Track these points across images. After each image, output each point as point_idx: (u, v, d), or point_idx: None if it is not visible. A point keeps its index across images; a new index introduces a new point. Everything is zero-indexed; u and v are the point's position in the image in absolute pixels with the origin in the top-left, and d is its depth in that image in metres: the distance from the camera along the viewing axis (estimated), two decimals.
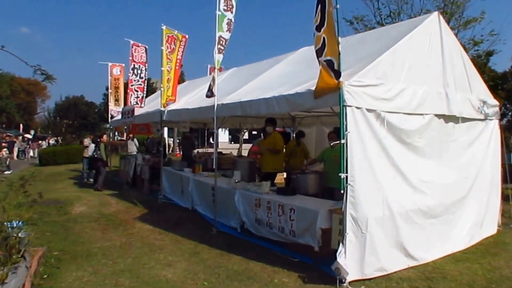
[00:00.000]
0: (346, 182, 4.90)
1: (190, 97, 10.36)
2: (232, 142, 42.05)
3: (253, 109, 6.46)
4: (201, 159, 12.49)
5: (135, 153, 13.64)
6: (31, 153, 28.94)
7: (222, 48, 7.35)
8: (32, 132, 50.80)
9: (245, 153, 16.55)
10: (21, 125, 53.27)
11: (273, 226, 6.27)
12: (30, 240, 5.86)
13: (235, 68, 11.29)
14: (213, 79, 7.37)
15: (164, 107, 9.99)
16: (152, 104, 13.55)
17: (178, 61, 10.28)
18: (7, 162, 19.31)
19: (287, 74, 7.44)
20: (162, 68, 9.93)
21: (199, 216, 8.43)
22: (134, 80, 13.02)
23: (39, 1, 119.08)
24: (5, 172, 17.97)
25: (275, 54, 9.71)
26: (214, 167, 7.60)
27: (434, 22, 6.35)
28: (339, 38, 4.86)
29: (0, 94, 57.85)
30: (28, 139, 35.82)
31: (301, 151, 9.59)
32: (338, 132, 8.11)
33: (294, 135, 10.83)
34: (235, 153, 18.16)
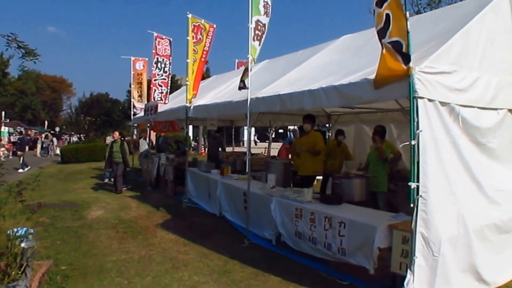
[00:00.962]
0: (417, 194, 3.95)
1: (219, 92, 9.54)
2: (259, 141, 41.26)
3: (295, 103, 5.55)
4: (228, 160, 11.69)
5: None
6: (57, 151, 28.64)
7: (260, 34, 6.49)
8: (57, 129, 51.23)
9: (273, 152, 15.72)
10: (46, 122, 53.78)
11: (317, 241, 5.36)
12: (35, 251, 5.16)
13: (267, 60, 10.40)
14: (246, 70, 6.51)
15: (189, 102, 9.21)
16: (177, 100, 12.82)
17: (205, 53, 9.45)
18: (21, 160, 18.78)
19: (332, 64, 6.52)
20: (188, 60, 9.13)
21: (228, 224, 7.61)
22: (158, 75, 12.31)
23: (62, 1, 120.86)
24: (19, 170, 17.62)
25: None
26: (247, 170, 6.73)
27: (504, 1, 5.29)
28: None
29: (26, 91, 58.76)
30: (53, 135, 35.76)
31: (341, 152, 8.66)
32: (380, 133, 7.21)
33: (331, 134, 9.97)
34: (260, 152, 17.34)
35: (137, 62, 15.88)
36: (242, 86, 6.52)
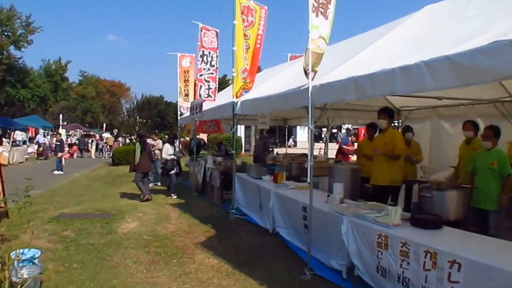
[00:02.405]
0: None
1: (271, 84, 8.07)
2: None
3: (379, 88, 3.93)
4: (282, 163, 10.19)
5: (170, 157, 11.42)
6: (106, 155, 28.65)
7: (323, 10, 4.93)
8: (116, 131, 52.27)
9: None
10: (104, 124, 55.03)
11: (412, 284, 3.73)
12: (37, 281, 4.00)
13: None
14: (307, 53, 4.98)
15: (236, 97, 7.82)
16: (224, 97, 11.52)
17: (259, 38, 8.02)
18: (61, 161, 18.07)
19: (421, 37, 4.89)
20: (234, 48, 7.76)
21: (283, 244, 6.13)
22: (204, 69, 11.05)
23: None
24: (55, 172, 17.19)
25: None
26: (308, 179, 5.19)
27: None
28: None
29: (86, 95, 60.72)
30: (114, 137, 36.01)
31: (411, 154, 6.98)
32: (495, 129, 5.44)
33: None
34: (315, 154, 15.69)
35: (184, 58, 14.75)
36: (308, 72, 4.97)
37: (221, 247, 5.96)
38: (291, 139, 40.42)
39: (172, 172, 10.74)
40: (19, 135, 26.97)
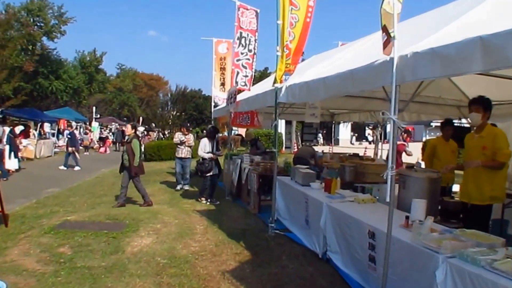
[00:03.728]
0: None
1: (323, 68, 6.55)
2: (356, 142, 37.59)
3: None
4: (330, 164, 8.73)
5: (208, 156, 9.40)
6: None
7: None
8: (153, 125, 52.07)
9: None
10: (140, 118, 54.96)
11: None
12: None
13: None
14: (383, 15, 3.52)
15: (279, 82, 6.43)
16: (258, 89, 10.12)
17: (310, 10, 6.57)
18: (75, 156, 16.88)
19: None
20: (279, 22, 6.37)
21: (338, 276, 4.71)
22: (242, 53, 9.70)
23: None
24: (75, 168, 16.32)
25: None
26: (388, 195, 3.73)
27: None
28: None
29: (123, 88, 60.97)
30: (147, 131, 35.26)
31: None
32: None
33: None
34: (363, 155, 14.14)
35: (220, 44, 13.45)
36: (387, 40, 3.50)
37: (256, 279, 4.60)
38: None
39: (209, 174, 9.24)
40: (47, 127, 26.71)
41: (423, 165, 7.73)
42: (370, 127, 38.45)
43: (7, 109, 21.08)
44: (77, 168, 16.34)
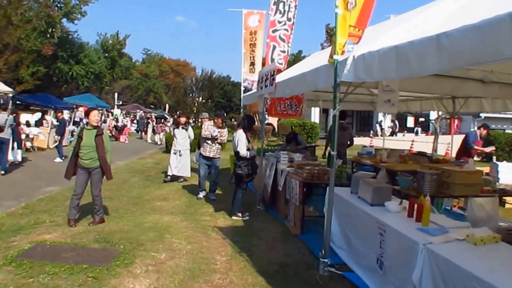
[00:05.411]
0: None
1: (407, 31, 4.44)
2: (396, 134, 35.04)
3: None
4: (391, 167, 6.70)
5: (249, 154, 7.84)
6: (156, 138, 25.43)
7: None
8: (179, 112, 50.70)
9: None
10: (167, 105, 53.73)
11: None
12: None
13: None
14: None
15: (341, 53, 4.43)
16: (303, 66, 8.04)
17: None
18: (61, 146, 14.92)
19: None
20: None
21: None
22: (279, 22, 7.77)
23: None
24: (56, 160, 14.36)
25: None
26: None
27: None
28: None
29: (149, 74, 59.81)
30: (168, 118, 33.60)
31: None
32: None
33: None
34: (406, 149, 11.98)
35: (251, 16, 11.40)
36: None
37: None
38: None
39: (248, 179, 7.28)
40: (66, 115, 25.36)
41: None
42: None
43: (19, 94, 19.67)
44: (58, 160, 14.40)
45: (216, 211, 7.50)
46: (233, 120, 35.77)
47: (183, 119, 10.77)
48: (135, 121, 35.28)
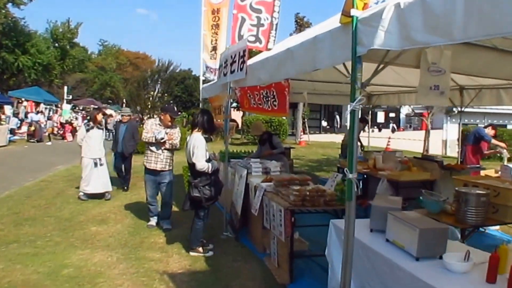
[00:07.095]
0: None
1: None
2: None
3: None
4: (394, 176, 4.99)
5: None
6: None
7: None
8: (139, 108, 47.95)
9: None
10: (124, 100, 50.75)
11: None
12: None
13: None
14: None
15: (362, 8, 2.62)
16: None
17: None
18: None
19: None
20: None
21: None
22: None
23: None
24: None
25: None
26: None
27: None
28: None
29: (105, 67, 56.52)
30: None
31: None
32: None
33: None
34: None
35: None
36: None
37: None
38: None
39: (209, 203, 5.19)
40: (8, 110, 22.61)
41: None
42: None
43: None
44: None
45: (168, 243, 5.58)
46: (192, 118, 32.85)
47: (99, 116, 8.55)
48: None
